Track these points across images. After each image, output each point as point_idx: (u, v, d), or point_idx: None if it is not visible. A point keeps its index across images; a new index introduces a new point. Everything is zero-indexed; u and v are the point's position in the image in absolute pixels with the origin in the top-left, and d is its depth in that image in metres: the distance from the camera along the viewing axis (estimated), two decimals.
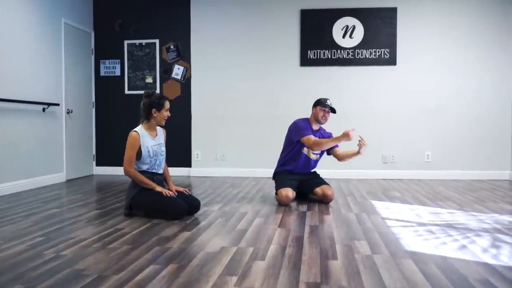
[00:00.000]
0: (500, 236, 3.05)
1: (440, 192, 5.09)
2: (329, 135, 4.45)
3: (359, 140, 4.17)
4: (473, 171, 6.29)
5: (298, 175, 4.40)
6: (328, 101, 4.30)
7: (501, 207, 4.12)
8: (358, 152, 4.22)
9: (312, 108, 4.38)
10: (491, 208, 4.09)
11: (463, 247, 2.77)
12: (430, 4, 6.29)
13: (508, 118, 6.23)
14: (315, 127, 4.38)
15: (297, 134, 4.28)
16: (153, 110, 3.65)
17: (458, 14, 6.27)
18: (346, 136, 4.03)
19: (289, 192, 4.17)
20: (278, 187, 4.29)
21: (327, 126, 4.54)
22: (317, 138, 4.26)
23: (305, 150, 4.33)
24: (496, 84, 6.24)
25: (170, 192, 3.60)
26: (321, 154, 4.43)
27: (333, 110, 4.33)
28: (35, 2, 5.44)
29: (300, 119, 4.45)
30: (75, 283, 2.11)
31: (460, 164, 6.32)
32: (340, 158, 4.40)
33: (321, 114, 4.29)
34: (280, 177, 4.37)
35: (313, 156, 4.37)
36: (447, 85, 6.31)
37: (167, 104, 3.69)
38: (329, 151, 4.43)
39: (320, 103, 4.30)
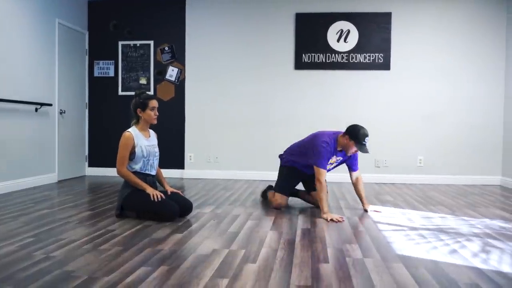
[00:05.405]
0: (490, 241, 3.07)
1: (431, 196, 5.11)
2: (353, 155, 4.07)
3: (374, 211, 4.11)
4: (464, 176, 6.33)
5: (304, 175, 4.28)
6: (366, 138, 3.76)
7: (492, 212, 4.15)
8: (363, 206, 4.16)
9: (346, 133, 3.84)
10: (482, 213, 4.12)
11: (454, 251, 2.79)
12: (425, 9, 6.34)
13: (500, 125, 6.28)
14: (340, 148, 3.97)
15: (314, 158, 3.91)
16: (138, 110, 3.67)
17: (453, 19, 6.31)
18: (329, 220, 3.67)
19: (283, 201, 4.18)
20: (277, 187, 4.25)
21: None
22: (325, 180, 3.87)
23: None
24: (489, 91, 6.29)
25: (159, 194, 3.57)
26: (337, 166, 4.21)
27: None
28: (29, 2, 5.41)
29: (327, 135, 3.96)
30: (65, 285, 2.10)
31: (452, 169, 6.35)
32: (353, 182, 4.14)
33: (352, 149, 3.85)
34: (286, 175, 4.24)
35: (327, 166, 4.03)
36: (441, 90, 6.35)
37: (151, 103, 3.65)
38: (348, 166, 4.15)
39: (357, 141, 3.77)
